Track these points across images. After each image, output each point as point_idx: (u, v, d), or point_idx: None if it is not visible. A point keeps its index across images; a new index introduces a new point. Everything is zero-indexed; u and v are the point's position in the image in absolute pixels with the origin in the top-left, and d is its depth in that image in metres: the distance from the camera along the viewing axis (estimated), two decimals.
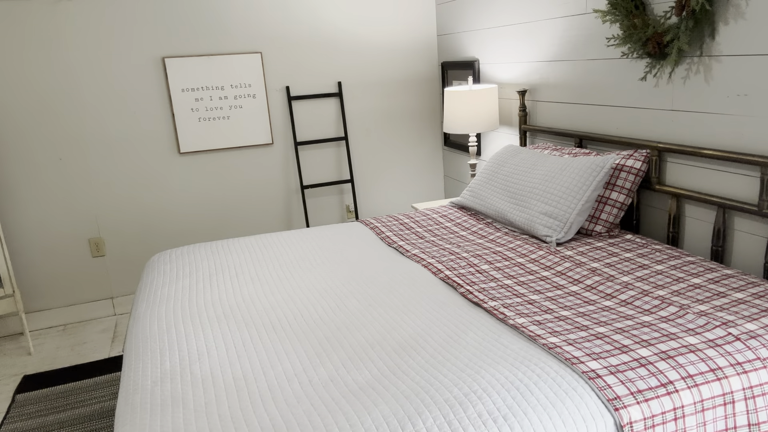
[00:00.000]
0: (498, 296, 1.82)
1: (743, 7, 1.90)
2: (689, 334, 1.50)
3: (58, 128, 3.40)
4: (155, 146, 3.60)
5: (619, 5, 2.30)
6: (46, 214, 3.47)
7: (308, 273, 2.17)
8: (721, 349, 1.43)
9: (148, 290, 2.13)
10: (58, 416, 2.54)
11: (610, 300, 1.75)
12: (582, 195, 2.25)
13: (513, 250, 2.24)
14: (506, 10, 3.22)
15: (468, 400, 1.28)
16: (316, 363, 1.50)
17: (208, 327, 1.75)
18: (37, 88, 3.33)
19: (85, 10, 3.32)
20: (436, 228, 2.63)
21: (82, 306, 3.62)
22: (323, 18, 3.80)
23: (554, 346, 1.47)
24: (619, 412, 1.26)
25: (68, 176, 3.47)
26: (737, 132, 1.99)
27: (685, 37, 2.05)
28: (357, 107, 4.00)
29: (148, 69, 3.50)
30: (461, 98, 3.21)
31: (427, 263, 2.16)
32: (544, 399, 1.28)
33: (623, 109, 2.48)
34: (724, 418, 1.35)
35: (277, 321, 1.77)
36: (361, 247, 2.42)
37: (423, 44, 4.06)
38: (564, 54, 2.81)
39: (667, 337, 1.49)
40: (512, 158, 2.71)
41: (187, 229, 3.76)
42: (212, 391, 1.39)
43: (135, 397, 1.41)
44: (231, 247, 2.53)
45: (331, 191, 4.08)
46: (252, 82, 3.69)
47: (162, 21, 3.47)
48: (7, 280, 3.14)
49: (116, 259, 3.65)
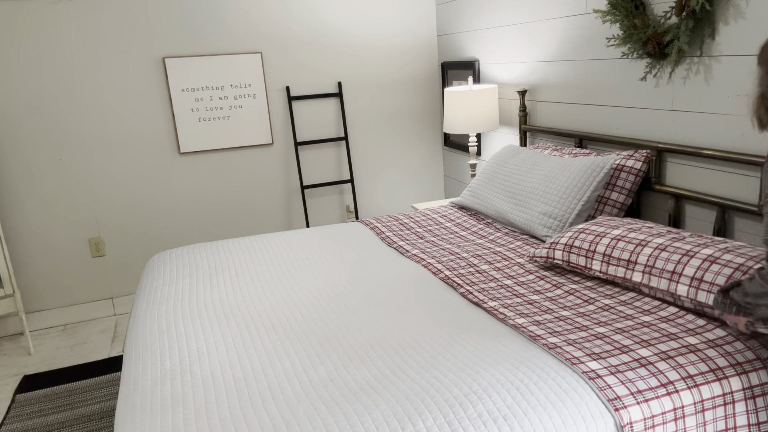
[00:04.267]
0: (498, 296, 1.82)
1: (743, 7, 1.90)
2: (689, 335, 1.50)
3: (58, 128, 3.40)
4: (155, 146, 3.60)
5: (619, 5, 2.30)
6: (46, 214, 3.47)
7: (308, 273, 2.17)
8: (721, 349, 1.43)
9: (148, 290, 2.13)
10: (58, 416, 2.54)
11: (610, 300, 1.75)
12: (582, 195, 2.25)
13: (513, 251, 2.24)
14: (506, 10, 3.22)
15: (468, 400, 1.28)
16: (316, 363, 1.49)
17: (208, 327, 1.75)
18: (37, 88, 3.33)
19: (85, 10, 3.32)
20: (436, 228, 2.62)
21: (82, 306, 3.62)
22: (323, 18, 3.80)
23: (554, 346, 1.47)
24: (619, 412, 1.26)
25: (68, 176, 3.47)
26: (737, 132, 1.99)
27: (685, 37, 2.05)
28: (357, 107, 4.00)
29: (148, 69, 3.50)
30: (461, 98, 3.20)
31: (427, 263, 2.16)
32: (544, 399, 1.28)
33: (623, 110, 2.48)
34: (724, 419, 1.35)
35: (277, 321, 1.76)
36: (361, 248, 2.42)
37: (423, 44, 4.06)
38: (564, 54, 2.81)
39: (668, 338, 1.49)
40: (512, 158, 2.71)
41: (187, 229, 3.76)
42: (212, 391, 1.39)
43: (135, 397, 1.41)
44: (231, 247, 2.53)
45: (331, 191, 4.08)
46: (252, 82, 3.69)
47: (162, 21, 3.47)
48: (7, 280, 3.14)
49: (116, 259, 3.65)
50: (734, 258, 1.56)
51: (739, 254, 1.58)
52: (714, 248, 1.64)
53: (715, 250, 1.62)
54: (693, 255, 1.63)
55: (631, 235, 1.83)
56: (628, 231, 1.87)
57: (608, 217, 2.09)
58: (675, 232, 1.83)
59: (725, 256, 1.58)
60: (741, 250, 1.60)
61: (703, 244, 1.68)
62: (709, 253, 1.61)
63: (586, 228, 1.98)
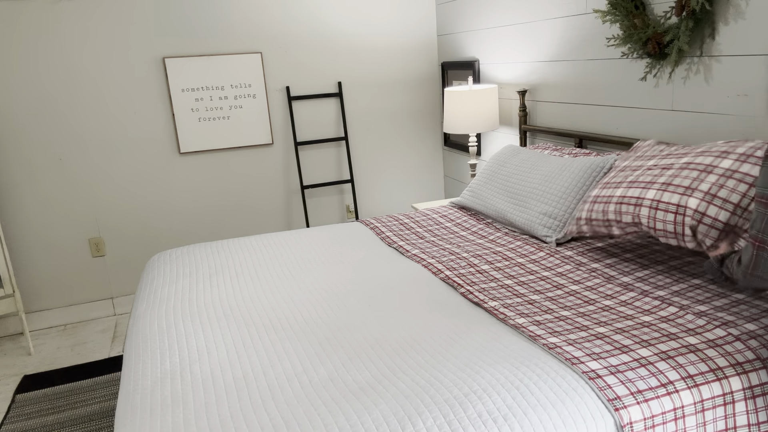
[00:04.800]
0: (498, 296, 1.82)
1: (743, 7, 1.90)
2: (689, 334, 1.50)
3: (58, 128, 3.41)
4: (155, 146, 3.60)
5: (619, 5, 2.30)
6: (47, 214, 3.47)
7: (308, 273, 2.17)
8: (721, 349, 1.43)
9: (148, 290, 2.13)
10: (58, 416, 2.54)
11: (610, 300, 1.75)
12: (582, 195, 2.25)
13: (513, 251, 2.24)
14: (506, 10, 3.22)
15: (468, 400, 1.28)
16: (316, 363, 1.49)
17: (208, 327, 1.75)
18: (37, 88, 3.33)
19: (85, 10, 3.32)
20: (436, 228, 2.63)
21: (82, 306, 3.62)
22: (323, 18, 3.80)
23: (554, 346, 1.47)
24: (619, 412, 1.26)
25: (68, 176, 3.47)
26: (737, 132, 1.99)
27: (685, 37, 2.05)
28: (357, 107, 4.00)
29: (148, 69, 3.50)
30: (461, 98, 3.21)
31: (427, 263, 2.16)
32: (544, 399, 1.28)
33: (623, 109, 2.48)
34: (724, 419, 1.35)
35: (277, 321, 1.76)
36: (361, 247, 2.42)
37: (423, 44, 4.06)
38: (564, 54, 2.81)
39: (668, 337, 1.49)
40: (512, 158, 2.71)
41: (187, 229, 3.76)
42: (212, 392, 1.39)
43: (135, 397, 1.41)
44: (231, 247, 2.53)
45: (331, 191, 4.08)
46: (252, 82, 3.69)
47: (162, 21, 3.47)
48: (7, 280, 3.14)
49: (116, 259, 3.65)
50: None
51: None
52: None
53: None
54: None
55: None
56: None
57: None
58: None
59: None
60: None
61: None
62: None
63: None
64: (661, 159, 1.89)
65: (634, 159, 2.04)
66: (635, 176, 1.91)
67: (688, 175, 1.73)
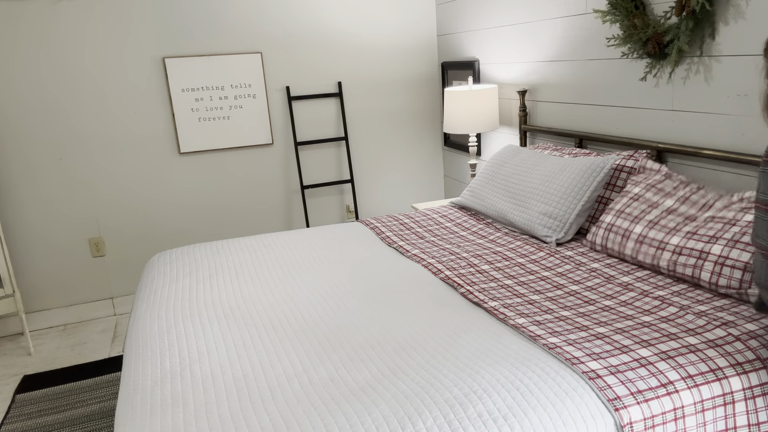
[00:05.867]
0: (498, 296, 1.82)
1: (743, 7, 1.90)
2: (689, 335, 1.50)
3: (58, 128, 3.40)
4: (155, 146, 3.60)
5: (619, 5, 2.30)
6: (46, 214, 3.47)
7: (308, 273, 2.17)
8: (721, 349, 1.43)
9: (148, 290, 2.13)
10: (58, 416, 2.54)
11: (610, 300, 1.75)
12: (582, 195, 2.25)
13: (513, 251, 2.24)
14: (506, 10, 3.22)
15: (468, 400, 1.28)
16: (316, 363, 1.49)
17: (208, 327, 1.75)
18: (37, 88, 3.33)
19: (85, 10, 3.32)
20: (436, 228, 2.63)
21: (82, 306, 3.62)
22: (323, 18, 3.80)
23: (554, 346, 1.47)
24: (619, 412, 1.26)
25: (68, 176, 3.47)
26: (737, 132, 1.99)
27: (685, 37, 2.05)
28: (357, 107, 4.00)
29: (148, 69, 3.50)
30: (461, 98, 3.21)
31: (427, 263, 2.16)
32: (544, 399, 1.28)
33: (623, 109, 2.48)
34: (724, 419, 1.35)
35: (277, 321, 1.77)
36: (361, 247, 2.42)
37: (423, 44, 4.06)
38: (564, 54, 2.81)
39: (668, 338, 1.49)
40: (512, 158, 2.71)
41: (187, 229, 3.76)
42: (212, 392, 1.39)
43: (135, 397, 1.41)
44: (231, 247, 2.53)
45: (331, 191, 4.08)
46: (252, 82, 3.69)
47: (162, 21, 3.47)
48: (7, 280, 3.14)
49: (116, 259, 3.65)
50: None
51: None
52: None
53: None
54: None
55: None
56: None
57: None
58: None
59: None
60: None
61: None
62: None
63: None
64: (681, 204, 1.94)
65: (646, 187, 2.08)
66: (654, 216, 1.96)
67: (713, 226, 1.78)
